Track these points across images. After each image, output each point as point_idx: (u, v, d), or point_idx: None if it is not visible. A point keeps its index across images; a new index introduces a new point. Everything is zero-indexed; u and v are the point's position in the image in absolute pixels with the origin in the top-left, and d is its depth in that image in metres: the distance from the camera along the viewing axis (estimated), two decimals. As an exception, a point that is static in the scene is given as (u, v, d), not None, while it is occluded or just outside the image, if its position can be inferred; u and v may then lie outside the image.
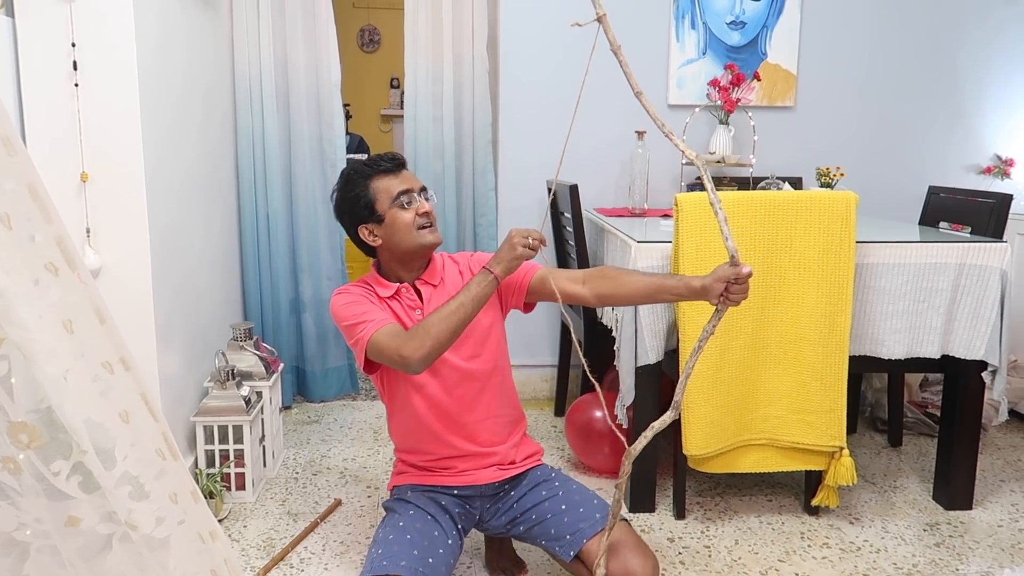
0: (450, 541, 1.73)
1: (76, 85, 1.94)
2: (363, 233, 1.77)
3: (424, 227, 1.74)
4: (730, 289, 1.43)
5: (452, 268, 1.84)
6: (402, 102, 3.32)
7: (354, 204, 1.76)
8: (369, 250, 1.81)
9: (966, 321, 2.22)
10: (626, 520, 1.71)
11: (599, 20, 1.08)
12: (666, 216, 2.84)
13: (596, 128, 3.15)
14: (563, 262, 3.03)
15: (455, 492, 1.80)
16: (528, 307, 1.83)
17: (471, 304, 1.58)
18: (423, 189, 1.78)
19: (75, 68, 1.93)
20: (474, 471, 1.80)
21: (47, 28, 1.91)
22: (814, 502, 2.25)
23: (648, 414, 2.25)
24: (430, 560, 1.64)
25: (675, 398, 1.33)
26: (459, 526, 1.79)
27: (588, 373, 1.42)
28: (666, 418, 1.32)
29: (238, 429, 2.32)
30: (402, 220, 1.73)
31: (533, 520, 1.75)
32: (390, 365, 1.64)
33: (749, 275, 1.41)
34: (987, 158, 3.37)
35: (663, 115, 3.18)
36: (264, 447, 2.49)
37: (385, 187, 1.74)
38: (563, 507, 1.73)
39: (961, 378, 2.28)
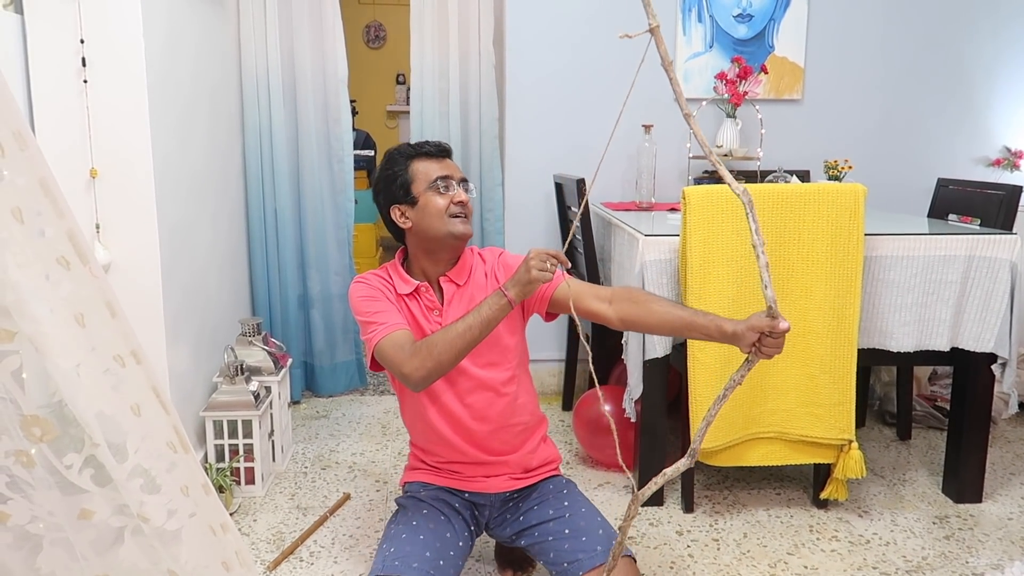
0: (461, 543, 1.72)
1: (85, 81, 1.95)
2: (395, 214, 1.73)
3: (456, 216, 1.69)
4: (763, 341, 1.31)
5: (479, 268, 1.78)
6: (408, 98, 3.32)
7: (391, 183, 1.73)
8: (399, 234, 1.77)
9: (975, 313, 2.21)
10: (631, 556, 1.63)
11: (651, 32, 1.03)
12: (673, 210, 2.83)
13: (603, 122, 3.13)
14: (570, 256, 3.03)
15: (465, 496, 1.79)
16: (550, 316, 1.77)
17: (479, 327, 1.53)
18: (464, 180, 1.74)
19: (84, 64, 1.94)
20: (484, 479, 1.78)
21: (56, 25, 1.92)
22: (823, 495, 2.25)
23: (656, 408, 2.25)
24: (441, 562, 1.62)
25: (692, 445, 1.22)
26: (471, 528, 1.79)
27: (594, 376, 1.37)
28: (680, 465, 1.23)
29: (247, 424, 2.33)
30: (435, 205, 1.68)
31: (536, 537, 1.72)
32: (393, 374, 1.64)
33: (786, 331, 1.28)
34: (996, 150, 3.36)
35: (670, 109, 3.17)
36: (273, 442, 2.50)
37: (424, 170, 1.71)
38: (566, 531, 1.68)
39: (970, 371, 2.27)
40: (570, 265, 1.55)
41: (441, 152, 1.75)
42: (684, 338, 2.07)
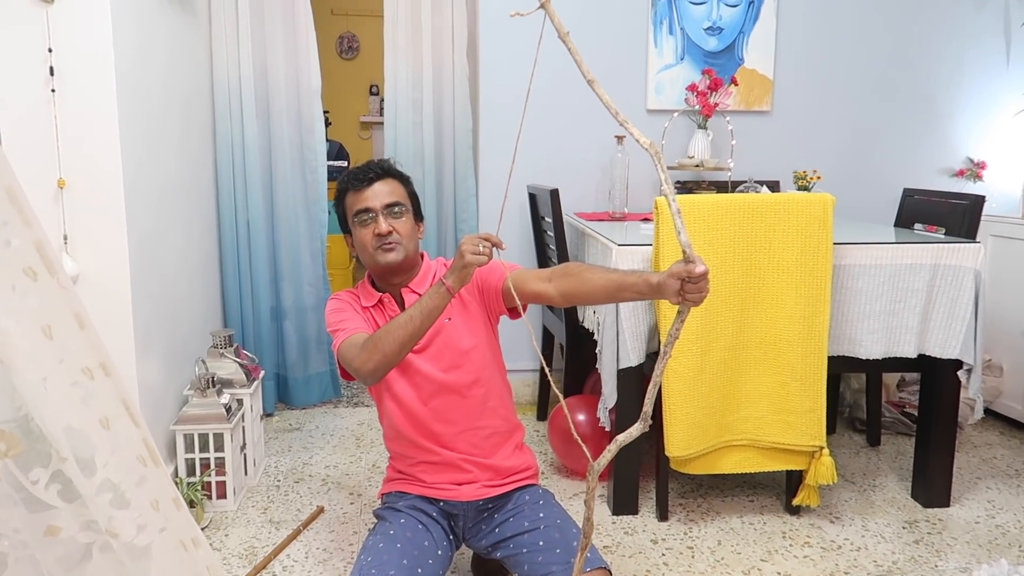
0: (440, 552, 1.71)
1: (53, 91, 1.92)
2: (347, 241, 1.84)
3: (379, 247, 1.73)
4: (685, 288, 1.28)
5: (442, 275, 1.79)
6: (381, 109, 3.32)
7: (338, 214, 1.84)
8: None
9: (941, 321, 2.25)
10: (606, 567, 1.61)
11: (543, 7, 1.06)
12: (646, 220, 2.86)
13: (577, 133, 3.17)
14: (544, 266, 3.04)
15: (440, 505, 1.79)
16: (514, 313, 1.79)
17: (419, 317, 1.57)
18: (391, 206, 1.75)
19: (52, 74, 1.91)
20: (456, 487, 1.78)
21: (23, 33, 1.89)
22: (795, 502, 2.27)
23: (630, 416, 2.26)
24: (419, 570, 1.62)
25: (644, 408, 1.18)
26: (450, 537, 1.78)
27: (553, 385, 1.35)
28: (633, 431, 1.18)
29: (219, 437, 2.30)
30: (360, 238, 1.76)
31: (511, 549, 1.72)
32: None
33: (703, 274, 1.24)
34: (960, 161, 3.43)
35: (642, 120, 3.21)
36: (245, 455, 2.47)
37: (351, 203, 1.77)
38: (540, 543, 1.67)
39: (937, 377, 2.31)
40: (505, 247, 1.56)
41: (368, 181, 1.76)
42: (624, 302, 2.08)
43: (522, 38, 3.11)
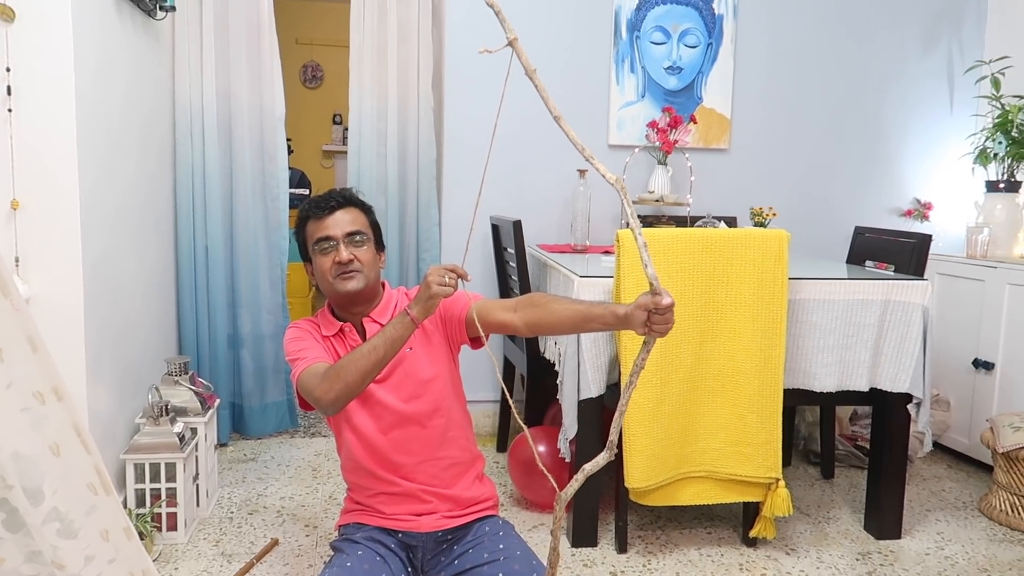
0: None
1: (10, 110, 1.89)
2: (307, 270, 1.83)
3: (341, 275, 1.73)
4: (652, 319, 1.30)
5: (403, 305, 1.79)
6: (344, 138, 3.32)
7: (298, 242, 1.83)
8: None
9: (891, 355, 2.31)
10: None
11: (511, 44, 1.08)
12: (607, 253, 2.90)
13: (539, 166, 3.21)
14: (506, 296, 3.05)
15: (399, 536, 1.77)
16: (476, 342, 1.79)
17: (383, 347, 1.56)
18: (351, 234, 1.75)
19: (9, 93, 1.88)
20: (416, 517, 1.76)
21: (-20, 53, 1.86)
22: (752, 534, 2.29)
23: (590, 447, 2.26)
24: None
25: (610, 438, 1.20)
26: (408, 570, 1.75)
27: (516, 416, 1.36)
28: (599, 460, 1.19)
29: (171, 467, 2.24)
30: (320, 266, 1.75)
31: None
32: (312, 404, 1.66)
33: (669, 306, 1.27)
34: (908, 201, 3.56)
35: (603, 155, 3.27)
36: (198, 486, 2.41)
37: (311, 231, 1.77)
38: (500, 575, 1.66)
39: (888, 411, 2.36)
40: (471, 279, 1.57)
41: (329, 209, 1.76)
42: (589, 332, 2.10)
43: (486, 71, 3.16)
